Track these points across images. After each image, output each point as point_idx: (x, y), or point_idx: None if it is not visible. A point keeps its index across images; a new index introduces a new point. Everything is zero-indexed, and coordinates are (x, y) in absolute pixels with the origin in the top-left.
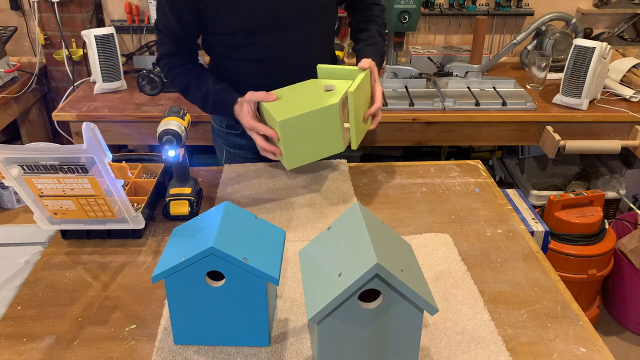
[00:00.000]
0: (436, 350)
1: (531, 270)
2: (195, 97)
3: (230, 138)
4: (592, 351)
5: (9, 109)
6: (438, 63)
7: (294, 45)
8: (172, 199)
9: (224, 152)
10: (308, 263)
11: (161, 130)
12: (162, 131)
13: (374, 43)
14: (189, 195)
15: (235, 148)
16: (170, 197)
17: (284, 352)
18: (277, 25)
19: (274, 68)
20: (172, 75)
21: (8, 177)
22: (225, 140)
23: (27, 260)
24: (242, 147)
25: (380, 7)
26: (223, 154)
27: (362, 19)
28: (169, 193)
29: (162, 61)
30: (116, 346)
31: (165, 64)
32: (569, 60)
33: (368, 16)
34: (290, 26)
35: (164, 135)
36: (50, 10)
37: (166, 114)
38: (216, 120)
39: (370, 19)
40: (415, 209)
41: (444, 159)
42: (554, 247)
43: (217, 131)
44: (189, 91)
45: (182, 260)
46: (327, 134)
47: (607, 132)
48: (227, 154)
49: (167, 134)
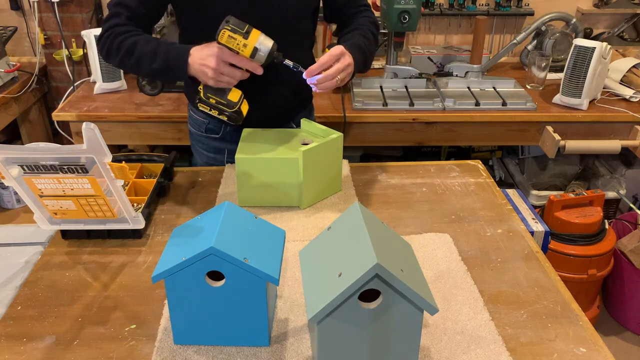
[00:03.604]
0: (436, 350)
1: (531, 270)
2: (142, 53)
3: (209, 142)
4: (592, 351)
5: (9, 109)
6: (438, 63)
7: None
8: (241, 103)
9: (203, 158)
10: (308, 263)
11: (271, 45)
12: (274, 45)
13: (356, 28)
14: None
15: (214, 153)
16: (239, 103)
17: (284, 352)
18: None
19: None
20: (117, 42)
21: (8, 177)
22: (204, 145)
23: (27, 260)
24: (222, 151)
25: (369, 14)
26: (202, 159)
27: (349, 25)
28: (227, 100)
29: (108, 32)
30: (116, 346)
31: (111, 32)
32: (569, 60)
33: (354, 23)
34: (255, 21)
35: (275, 50)
36: (50, 10)
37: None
38: (194, 125)
39: (358, 27)
40: (415, 209)
41: (444, 159)
42: (554, 247)
43: (195, 136)
44: (135, 49)
45: (182, 260)
46: (285, 185)
47: (607, 132)
48: (206, 159)
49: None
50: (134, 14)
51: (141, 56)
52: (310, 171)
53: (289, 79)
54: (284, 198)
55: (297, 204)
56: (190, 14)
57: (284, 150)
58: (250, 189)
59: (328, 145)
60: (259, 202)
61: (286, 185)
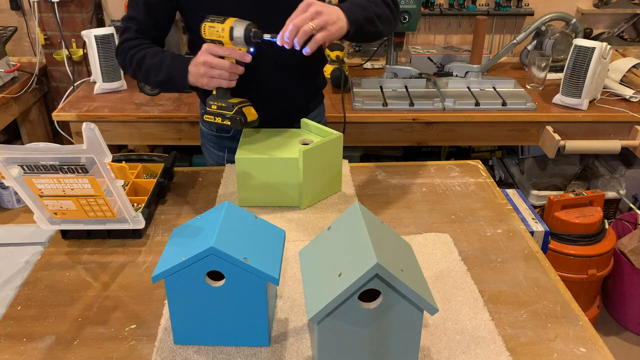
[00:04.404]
0: (436, 350)
1: (531, 270)
2: (150, 66)
3: (220, 142)
4: (592, 351)
5: (9, 109)
6: (438, 63)
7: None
8: (242, 106)
9: (214, 157)
10: (308, 263)
11: (247, 24)
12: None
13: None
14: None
15: (226, 152)
16: (239, 105)
17: (284, 352)
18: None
19: (250, 66)
20: (129, 55)
21: (8, 177)
22: (215, 144)
23: (27, 260)
24: (233, 150)
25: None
26: (213, 158)
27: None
28: (227, 103)
29: (121, 47)
30: (116, 346)
31: (124, 47)
32: (569, 60)
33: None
34: (264, 23)
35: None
36: (50, 10)
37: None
38: (205, 124)
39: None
40: (415, 209)
41: (444, 159)
42: (554, 247)
43: (206, 136)
44: (143, 63)
45: (182, 260)
46: (285, 184)
47: (607, 132)
48: (217, 159)
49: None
50: (143, 26)
51: (149, 69)
52: (310, 171)
53: (294, 75)
54: (284, 198)
55: (297, 204)
56: (197, 19)
57: (284, 150)
58: (250, 189)
59: (328, 145)
60: (259, 202)
61: (286, 185)
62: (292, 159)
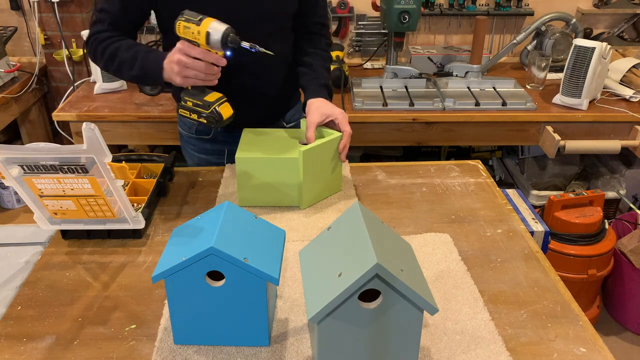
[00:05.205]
0: (436, 350)
1: (531, 270)
2: (123, 59)
3: (200, 144)
4: (592, 351)
5: (9, 109)
6: (438, 63)
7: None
8: (219, 103)
9: (194, 159)
10: (308, 263)
11: (224, 29)
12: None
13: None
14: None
15: (205, 154)
16: (215, 103)
17: (284, 352)
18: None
19: (227, 70)
20: (101, 48)
21: (8, 177)
22: (195, 146)
23: (27, 260)
24: (213, 152)
25: (327, 41)
26: (193, 160)
27: (307, 51)
28: (203, 101)
29: (92, 37)
30: (116, 346)
31: (96, 38)
32: (569, 60)
33: (313, 48)
34: (243, 29)
35: (230, 33)
36: (50, 10)
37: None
38: (184, 127)
39: (315, 52)
40: (415, 209)
41: (444, 159)
42: (554, 247)
43: (185, 138)
44: (116, 56)
45: (182, 260)
46: (285, 184)
47: (607, 132)
48: (197, 161)
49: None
50: (116, 20)
51: (122, 62)
52: (310, 171)
53: (273, 77)
54: (283, 198)
55: (297, 204)
56: (172, 18)
57: (284, 150)
58: (250, 189)
59: (328, 145)
60: (259, 202)
61: (286, 185)
62: (292, 159)
